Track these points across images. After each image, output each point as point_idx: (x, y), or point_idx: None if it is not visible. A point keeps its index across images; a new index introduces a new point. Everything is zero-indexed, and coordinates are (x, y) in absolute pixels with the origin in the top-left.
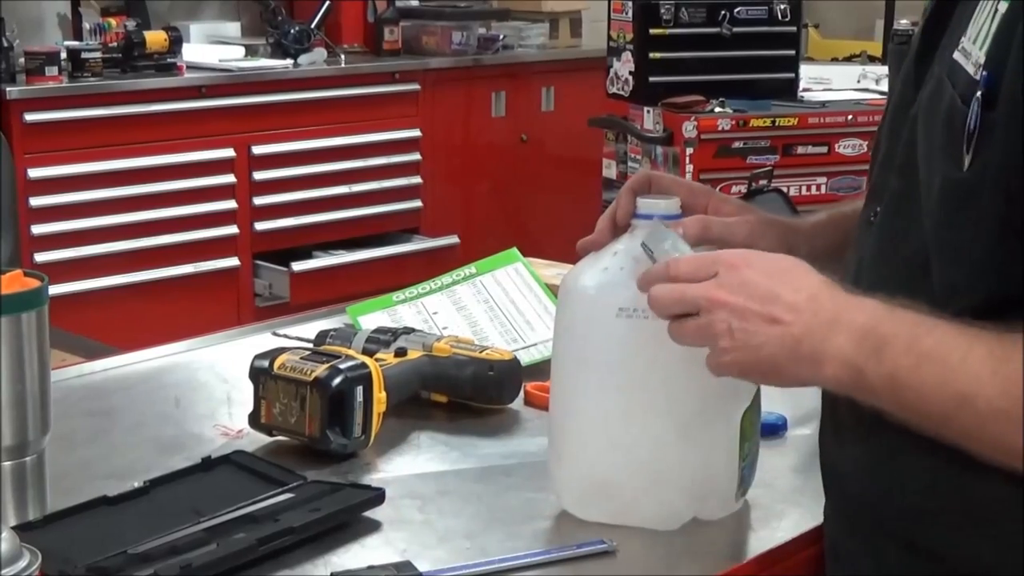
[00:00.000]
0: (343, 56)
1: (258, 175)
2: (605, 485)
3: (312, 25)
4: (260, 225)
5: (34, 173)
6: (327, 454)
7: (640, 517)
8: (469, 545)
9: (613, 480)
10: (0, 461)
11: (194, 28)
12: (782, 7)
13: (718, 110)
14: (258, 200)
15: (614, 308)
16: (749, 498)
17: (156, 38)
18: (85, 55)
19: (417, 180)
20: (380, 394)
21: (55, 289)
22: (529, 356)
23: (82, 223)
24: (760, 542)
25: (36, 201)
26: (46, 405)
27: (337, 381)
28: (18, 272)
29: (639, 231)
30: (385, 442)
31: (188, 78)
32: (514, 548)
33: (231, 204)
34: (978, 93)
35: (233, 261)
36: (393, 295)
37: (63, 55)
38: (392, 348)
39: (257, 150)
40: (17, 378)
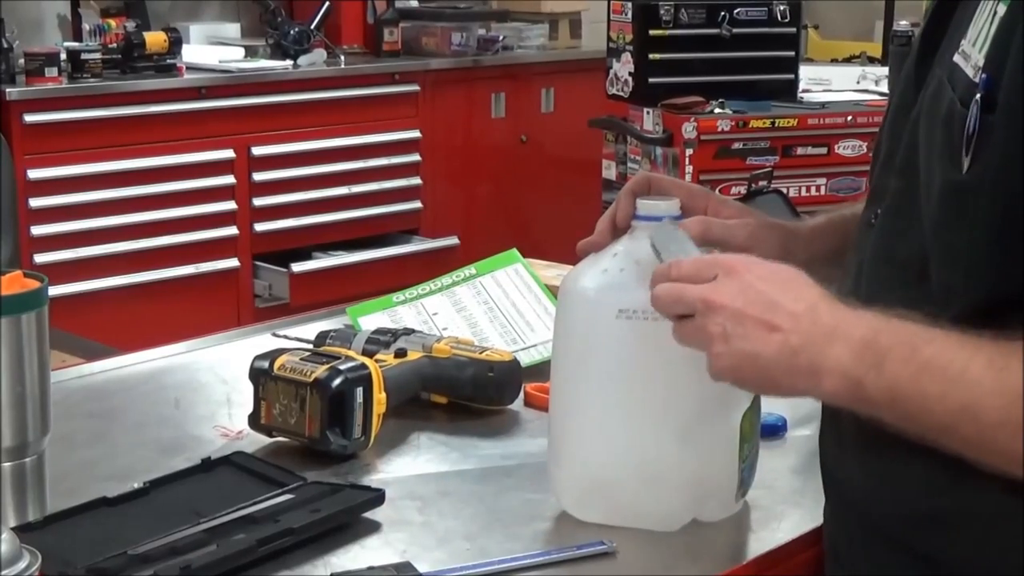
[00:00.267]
0: (343, 57)
1: (258, 176)
2: (605, 486)
3: (312, 26)
4: (260, 226)
5: (34, 174)
6: (327, 455)
7: (640, 518)
8: (469, 546)
9: (613, 481)
10: (0, 462)
11: (194, 29)
12: (782, 8)
13: (718, 111)
14: (258, 201)
15: (614, 309)
16: (749, 499)
17: (156, 39)
18: (85, 56)
19: (417, 181)
20: (380, 395)
21: (55, 290)
22: (529, 357)
23: (82, 224)
24: (760, 543)
25: (36, 202)
26: (46, 406)
27: (337, 382)
28: (18, 273)
29: (639, 232)
30: (385, 443)
31: (188, 79)
32: (514, 549)
33: (231, 205)
34: (977, 96)
35: (233, 262)
36: (393, 296)
37: (63, 56)
38: (392, 349)
39: (257, 151)
40: (17, 379)
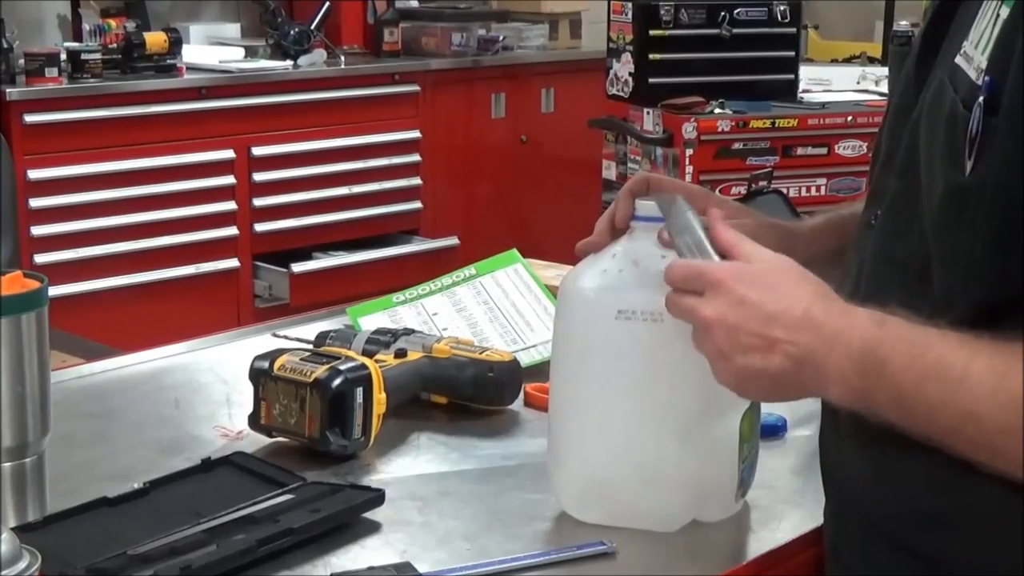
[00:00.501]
0: (343, 57)
1: (258, 176)
2: (604, 486)
3: (312, 26)
4: (260, 226)
5: (34, 174)
6: (327, 455)
7: (639, 519)
8: (469, 546)
9: (612, 481)
10: (0, 462)
11: (194, 29)
12: (782, 8)
13: (718, 111)
14: (258, 201)
15: (613, 310)
16: (749, 499)
17: (156, 39)
18: (85, 56)
19: (417, 181)
20: (380, 395)
21: (55, 290)
22: (529, 357)
23: (82, 224)
24: (760, 543)
25: (36, 202)
26: (46, 406)
27: (337, 382)
28: (18, 273)
29: (638, 233)
30: (385, 443)
31: (188, 79)
32: (514, 549)
33: (231, 205)
34: (980, 98)
35: (233, 262)
36: (393, 296)
37: (63, 56)
38: (392, 349)
39: (257, 151)
40: (17, 379)
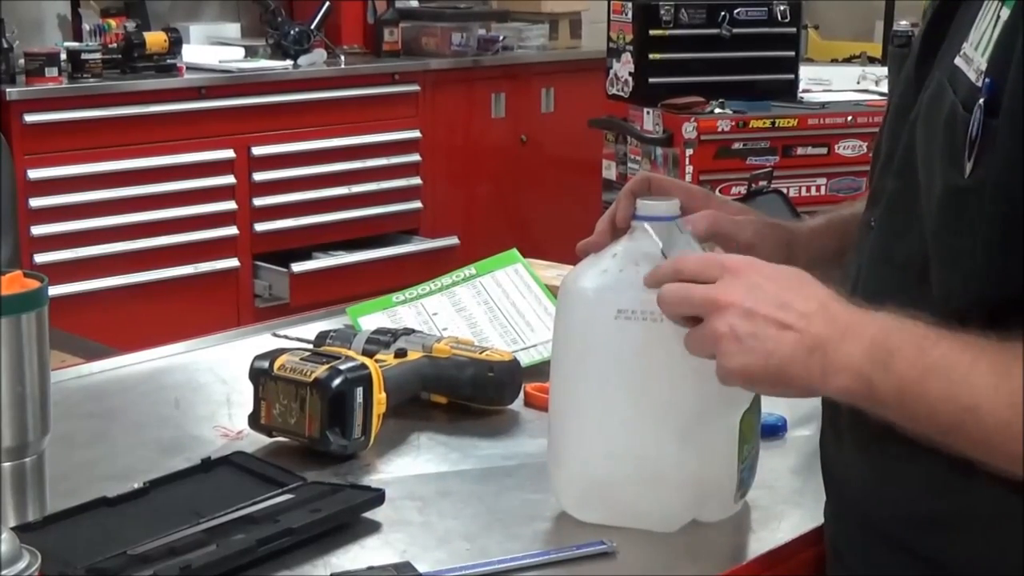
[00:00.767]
0: (343, 57)
1: (258, 176)
2: (604, 486)
3: (312, 26)
4: (260, 226)
5: (34, 174)
6: (327, 455)
7: (639, 519)
8: (469, 546)
9: (612, 481)
10: (0, 462)
11: (194, 29)
12: (782, 8)
13: (718, 111)
14: (258, 201)
15: (613, 310)
16: (749, 499)
17: (156, 39)
18: (85, 56)
19: (417, 181)
20: (380, 395)
21: (55, 290)
22: (529, 357)
23: (82, 224)
24: (760, 543)
25: (36, 202)
26: (46, 406)
27: (337, 382)
28: (18, 273)
29: (638, 233)
30: (385, 443)
31: (188, 79)
32: (514, 549)
33: (231, 205)
34: (981, 100)
35: (233, 262)
36: (393, 296)
37: (63, 56)
38: (392, 349)
39: (257, 151)
40: (17, 379)
